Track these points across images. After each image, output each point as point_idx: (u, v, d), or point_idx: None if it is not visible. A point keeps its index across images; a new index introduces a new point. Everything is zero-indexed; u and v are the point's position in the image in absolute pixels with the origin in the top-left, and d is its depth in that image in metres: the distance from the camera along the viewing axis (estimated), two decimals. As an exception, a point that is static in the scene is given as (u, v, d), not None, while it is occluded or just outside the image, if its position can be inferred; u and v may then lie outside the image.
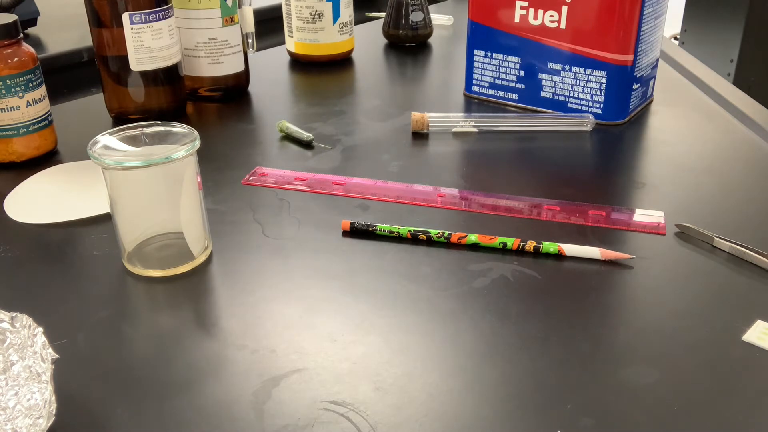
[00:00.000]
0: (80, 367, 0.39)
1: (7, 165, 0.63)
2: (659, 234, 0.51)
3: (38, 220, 0.54)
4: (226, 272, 0.48)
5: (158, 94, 0.72)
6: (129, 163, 0.44)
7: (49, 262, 0.49)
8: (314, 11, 0.90)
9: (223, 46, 0.77)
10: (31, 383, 0.34)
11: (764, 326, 0.41)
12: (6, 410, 0.33)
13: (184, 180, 0.46)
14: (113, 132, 0.46)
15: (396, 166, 0.63)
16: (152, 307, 0.45)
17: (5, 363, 0.35)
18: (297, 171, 0.61)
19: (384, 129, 0.71)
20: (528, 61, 0.74)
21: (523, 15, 0.72)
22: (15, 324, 0.36)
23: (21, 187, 0.59)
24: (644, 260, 0.48)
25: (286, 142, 0.69)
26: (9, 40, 0.60)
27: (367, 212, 0.55)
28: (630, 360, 0.39)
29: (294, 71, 0.92)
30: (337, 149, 0.67)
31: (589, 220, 0.53)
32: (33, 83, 0.62)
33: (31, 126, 0.62)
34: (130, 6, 0.66)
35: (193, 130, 0.46)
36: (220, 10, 0.75)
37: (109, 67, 0.70)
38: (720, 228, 0.50)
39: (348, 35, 0.93)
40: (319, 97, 0.82)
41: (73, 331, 0.42)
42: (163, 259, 0.48)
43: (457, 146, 0.68)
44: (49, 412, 0.31)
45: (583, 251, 0.48)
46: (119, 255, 0.48)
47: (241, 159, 0.65)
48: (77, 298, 0.45)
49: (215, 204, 0.56)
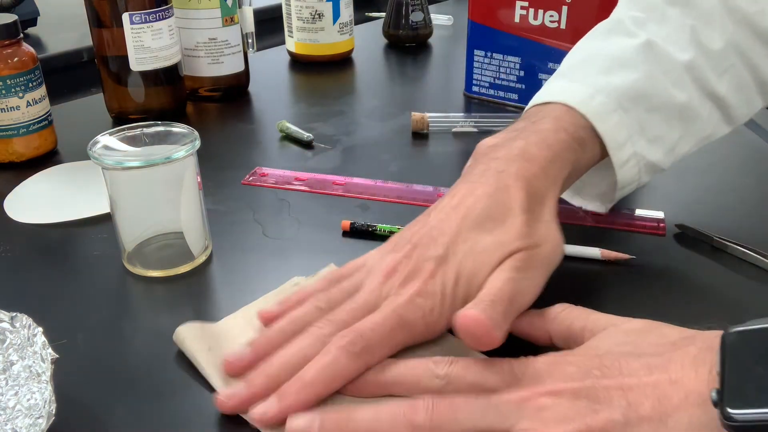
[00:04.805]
0: (80, 367, 0.39)
1: (7, 165, 0.63)
2: (659, 234, 0.51)
3: (38, 220, 0.54)
4: (226, 272, 0.48)
5: (158, 94, 0.72)
6: (129, 163, 0.44)
7: (49, 262, 0.49)
8: (314, 11, 0.89)
9: (223, 46, 0.77)
10: (31, 383, 0.34)
11: (764, 326, 0.41)
12: (6, 410, 0.33)
13: (184, 180, 0.46)
14: (113, 132, 0.46)
15: (396, 166, 0.63)
16: (152, 307, 0.45)
17: (5, 363, 0.35)
18: (297, 171, 0.61)
19: (384, 129, 0.71)
20: (528, 61, 0.74)
21: (523, 15, 0.72)
22: (15, 324, 0.36)
23: (21, 187, 0.59)
24: (644, 260, 0.48)
25: (286, 142, 0.69)
26: (9, 40, 0.60)
27: (367, 212, 0.55)
28: (630, 360, 0.39)
29: (294, 71, 0.92)
30: (337, 149, 0.67)
31: (589, 220, 0.53)
32: (33, 83, 0.62)
33: (31, 126, 0.62)
34: (130, 6, 0.66)
35: (193, 130, 0.46)
36: (220, 10, 0.75)
37: (109, 67, 0.70)
38: (720, 228, 0.50)
39: (348, 35, 0.93)
40: (319, 97, 0.82)
41: (73, 331, 0.42)
42: (163, 259, 0.48)
43: (457, 146, 0.68)
44: (49, 412, 0.31)
45: (583, 251, 0.48)
46: (119, 255, 0.48)
47: (241, 159, 0.65)
48: (77, 298, 0.45)
49: (215, 204, 0.56)
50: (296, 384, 0.35)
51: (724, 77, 0.47)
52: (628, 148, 0.45)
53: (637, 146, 0.45)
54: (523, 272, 0.37)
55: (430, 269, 0.38)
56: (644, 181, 0.47)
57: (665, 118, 0.46)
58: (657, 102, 0.45)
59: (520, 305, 0.37)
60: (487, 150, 0.43)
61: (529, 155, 0.41)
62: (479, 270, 0.38)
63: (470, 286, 0.37)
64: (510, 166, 0.41)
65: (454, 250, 0.38)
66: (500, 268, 0.37)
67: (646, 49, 0.46)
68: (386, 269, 0.39)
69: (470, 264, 0.38)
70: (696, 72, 0.46)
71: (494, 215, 0.39)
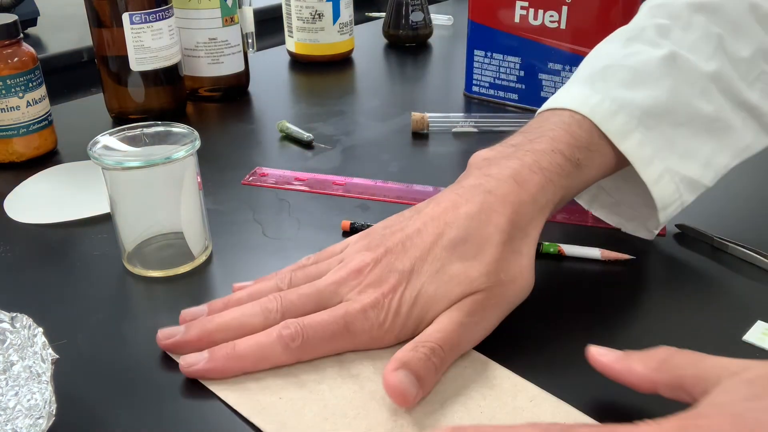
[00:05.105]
0: (80, 367, 0.39)
1: (7, 165, 0.63)
2: (659, 234, 0.51)
3: (38, 220, 0.54)
4: (226, 272, 0.48)
5: (158, 94, 0.72)
6: (129, 163, 0.44)
7: (49, 262, 0.49)
8: (314, 11, 0.90)
9: (223, 46, 0.77)
10: (31, 383, 0.34)
11: (764, 326, 0.41)
12: (6, 410, 0.33)
13: (184, 180, 0.46)
14: (113, 132, 0.46)
15: (396, 166, 0.63)
16: (152, 307, 0.45)
17: (5, 363, 0.35)
18: (297, 171, 0.61)
19: (384, 129, 0.71)
20: (528, 61, 0.74)
21: (523, 15, 0.72)
22: (15, 324, 0.36)
23: (21, 187, 0.59)
24: (644, 260, 0.48)
25: (286, 142, 0.69)
26: (9, 40, 0.60)
27: (367, 212, 0.55)
28: (630, 360, 0.39)
29: (294, 71, 0.92)
30: (337, 149, 0.67)
31: (589, 220, 0.53)
32: (33, 83, 0.62)
33: (31, 126, 0.62)
34: (130, 6, 0.66)
35: (193, 130, 0.46)
36: (220, 10, 0.75)
37: (109, 67, 0.70)
38: (720, 228, 0.50)
39: (348, 35, 0.93)
40: (319, 97, 0.82)
41: (73, 331, 0.42)
42: (163, 259, 0.48)
43: (457, 146, 0.68)
44: (49, 412, 0.31)
45: (583, 251, 0.48)
46: (119, 255, 0.48)
47: (241, 159, 0.65)
48: (77, 298, 0.45)
49: (215, 204, 0.56)
50: (227, 349, 0.37)
51: (755, 85, 0.46)
52: (657, 165, 0.43)
53: (669, 162, 0.43)
54: (478, 315, 0.38)
55: (392, 283, 0.38)
56: (687, 200, 0.45)
57: (693, 133, 0.44)
58: (682, 116, 0.44)
59: (462, 350, 0.38)
60: (481, 164, 0.43)
61: (521, 178, 0.40)
62: (439, 298, 0.38)
63: (426, 312, 0.38)
64: (500, 187, 0.40)
65: (421, 269, 0.38)
66: (457, 307, 0.38)
67: (669, 61, 0.45)
68: (352, 269, 0.40)
69: (432, 289, 0.38)
70: (723, 82, 0.45)
71: (471, 240, 0.39)
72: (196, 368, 0.37)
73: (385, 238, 0.41)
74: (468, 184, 0.41)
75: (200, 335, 0.39)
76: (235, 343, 0.37)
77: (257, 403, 0.35)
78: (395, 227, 0.41)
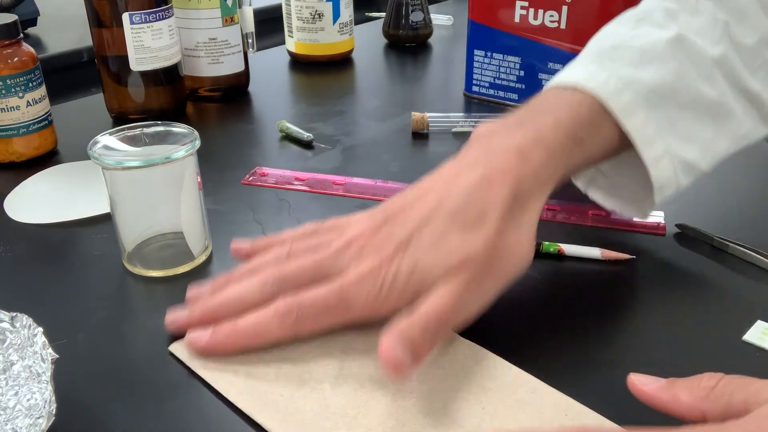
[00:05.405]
0: (80, 367, 0.39)
1: (7, 165, 0.63)
2: (659, 234, 0.51)
3: (38, 220, 0.54)
4: (226, 272, 0.48)
5: (158, 94, 0.72)
6: (129, 163, 0.44)
7: (49, 262, 0.49)
8: (314, 11, 0.90)
9: (223, 46, 0.77)
10: (31, 383, 0.34)
11: (764, 326, 0.41)
12: (6, 410, 0.33)
13: (184, 180, 0.46)
14: (113, 132, 0.46)
15: (396, 166, 0.63)
16: (152, 307, 0.45)
17: (5, 363, 0.35)
18: (297, 171, 0.61)
19: (384, 129, 0.71)
20: (528, 61, 0.74)
21: (523, 15, 0.72)
22: (15, 324, 0.36)
23: (21, 187, 0.59)
24: (644, 260, 0.48)
25: (286, 142, 0.69)
26: (9, 40, 0.60)
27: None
28: (630, 360, 0.39)
29: (294, 71, 0.92)
30: (337, 149, 0.67)
31: (589, 220, 0.53)
32: (33, 83, 0.62)
33: (31, 126, 0.62)
34: (130, 6, 0.66)
35: (193, 130, 0.46)
36: (220, 10, 0.75)
37: (109, 67, 0.70)
38: (720, 228, 0.50)
39: (348, 35, 0.93)
40: (319, 97, 0.82)
41: (73, 331, 0.42)
42: (163, 259, 0.48)
43: (457, 146, 0.67)
44: (49, 412, 0.31)
45: (583, 251, 0.48)
46: (119, 255, 0.48)
47: (241, 159, 0.65)
48: (77, 298, 0.45)
49: (215, 204, 0.56)
50: (229, 327, 0.38)
51: (758, 74, 0.46)
52: (658, 145, 0.43)
53: (669, 143, 0.43)
54: (475, 287, 0.37)
55: (389, 252, 0.38)
56: (683, 183, 0.44)
57: (696, 116, 0.44)
58: (687, 99, 0.44)
59: (458, 322, 0.38)
60: (484, 137, 0.42)
61: (524, 152, 0.40)
62: (435, 268, 0.37)
63: (423, 282, 0.37)
64: (502, 160, 0.40)
65: (419, 238, 0.38)
66: (454, 278, 0.37)
67: (676, 43, 0.45)
68: (351, 237, 0.40)
69: (429, 259, 0.37)
70: (727, 67, 0.45)
71: (471, 211, 0.38)
72: (201, 344, 0.38)
73: (386, 210, 0.41)
74: (470, 156, 0.41)
75: (203, 315, 0.40)
76: (236, 321, 0.38)
77: (258, 400, 0.36)
78: (396, 199, 0.42)
